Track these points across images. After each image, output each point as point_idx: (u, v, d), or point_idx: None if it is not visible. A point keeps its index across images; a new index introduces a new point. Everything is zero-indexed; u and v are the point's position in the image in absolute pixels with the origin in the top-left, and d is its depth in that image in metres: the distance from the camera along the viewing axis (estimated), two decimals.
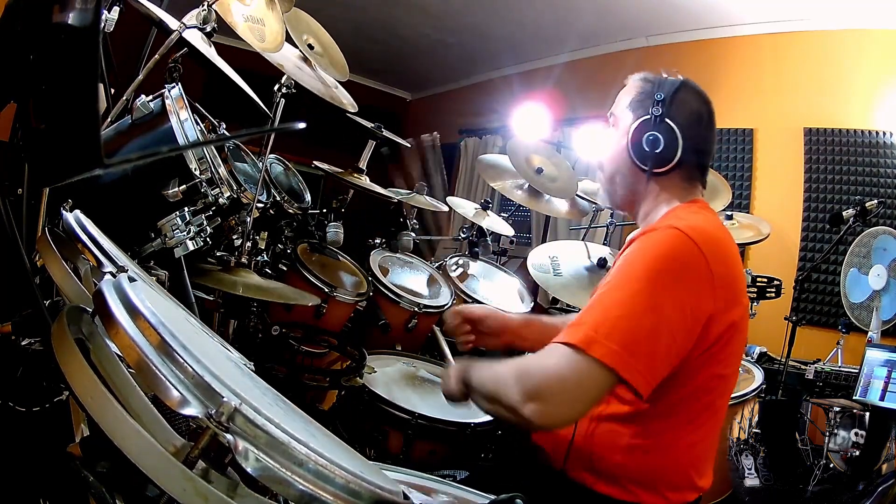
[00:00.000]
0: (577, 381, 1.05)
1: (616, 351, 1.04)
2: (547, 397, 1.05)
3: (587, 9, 4.64)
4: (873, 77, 3.64)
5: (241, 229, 2.20)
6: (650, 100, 1.30)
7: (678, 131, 1.27)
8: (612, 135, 1.38)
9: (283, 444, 0.59)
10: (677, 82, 1.32)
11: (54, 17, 0.76)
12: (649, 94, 1.31)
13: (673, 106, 1.28)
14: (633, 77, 1.39)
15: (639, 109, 1.32)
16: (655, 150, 1.28)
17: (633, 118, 1.32)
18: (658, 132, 1.27)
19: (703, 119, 1.32)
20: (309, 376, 2.06)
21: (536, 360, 1.12)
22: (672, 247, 1.14)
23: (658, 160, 1.28)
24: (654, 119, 1.28)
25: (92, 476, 0.62)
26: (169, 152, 1.52)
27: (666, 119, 1.27)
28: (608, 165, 1.39)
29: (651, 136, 1.28)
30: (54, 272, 0.84)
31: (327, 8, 3.18)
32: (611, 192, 1.41)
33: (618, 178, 1.37)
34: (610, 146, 1.39)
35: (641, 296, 1.09)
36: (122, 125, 1.55)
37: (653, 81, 1.34)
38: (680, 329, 1.11)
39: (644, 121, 1.29)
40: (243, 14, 1.99)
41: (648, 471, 1.20)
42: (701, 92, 1.35)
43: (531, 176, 3.05)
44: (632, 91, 1.37)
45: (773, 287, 2.85)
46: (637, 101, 1.34)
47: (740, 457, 2.44)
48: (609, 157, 1.39)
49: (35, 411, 0.94)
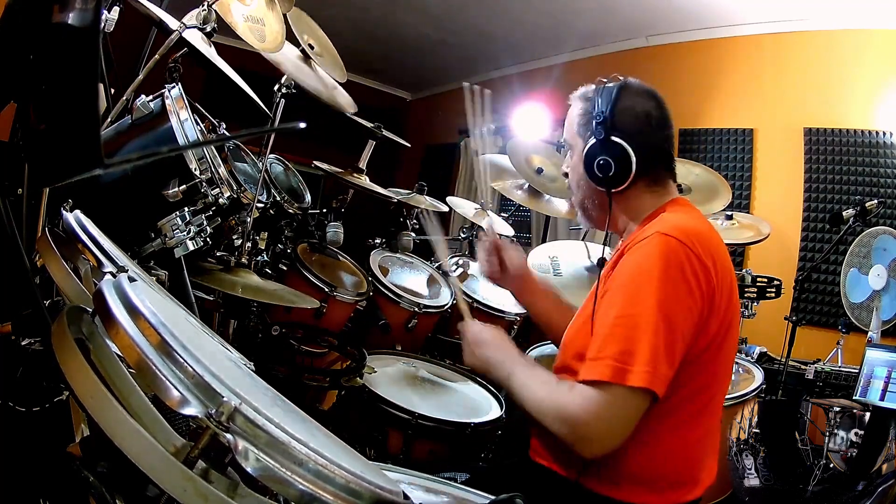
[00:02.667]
0: (621, 413, 1.10)
1: (644, 371, 1.08)
2: (599, 438, 1.11)
3: (587, 9, 4.63)
4: (873, 77, 3.64)
5: (241, 229, 2.20)
6: (591, 120, 1.29)
7: (626, 145, 1.25)
8: (572, 160, 1.39)
9: (283, 444, 0.59)
10: (614, 90, 1.29)
11: (54, 17, 0.76)
12: (590, 113, 1.30)
13: (616, 118, 1.26)
14: (573, 97, 1.38)
15: (585, 132, 1.32)
16: (609, 174, 1.27)
17: (582, 143, 1.32)
18: (606, 155, 1.26)
19: (653, 118, 1.30)
20: (309, 376, 2.06)
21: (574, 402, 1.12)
22: (666, 254, 1.14)
23: (616, 180, 1.28)
24: (598, 142, 1.27)
25: (92, 476, 0.62)
26: (169, 152, 1.52)
27: (612, 137, 1.26)
28: (577, 192, 1.41)
29: (602, 161, 1.27)
30: (54, 272, 0.84)
31: (327, 8, 3.18)
32: (587, 217, 1.43)
33: (587, 202, 1.39)
34: (572, 173, 1.40)
35: (651, 312, 1.10)
36: (122, 125, 1.55)
37: (590, 98, 1.32)
38: (689, 329, 1.14)
39: (590, 146, 1.28)
40: (243, 14, 1.99)
41: (647, 470, 1.21)
42: (644, 90, 1.32)
43: (531, 176, 3.05)
44: (572, 116, 1.36)
45: (773, 287, 2.84)
46: (581, 124, 1.33)
47: (740, 457, 2.44)
48: (574, 183, 1.40)
49: (35, 411, 0.94)
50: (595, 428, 1.10)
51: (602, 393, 1.09)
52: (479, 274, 3.12)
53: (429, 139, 7.26)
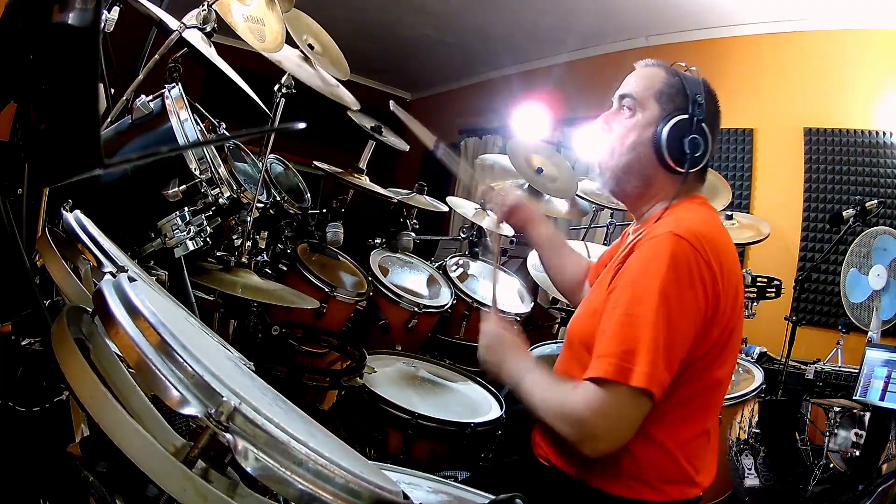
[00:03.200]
0: (625, 411, 1.11)
1: (647, 372, 1.08)
2: (600, 436, 1.11)
3: (587, 9, 4.63)
4: (874, 77, 3.64)
5: (241, 229, 2.20)
6: (682, 97, 1.28)
7: (710, 136, 1.28)
8: (630, 120, 1.31)
9: (282, 444, 0.59)
10: (702, 82, 1.31)
11: (54, 17, 0.76)
12: (680, 89, 1.29)
13: (707, 107, 1.29)
14: (646, 62, 1.36)
15: (668, 104, 1.29)
16: (695, 154, 1.27)
17: (661, 111, 1.28)
18: (698, 135, 1.27)
19: (718, 121, 1.35)
20: (309, 376, 2.06)
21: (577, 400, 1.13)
22: (676, 256, 1.14)
23: (691, 162, 1.27)
24: (693, 121, 1.26)
25: (92, 476, 0.62)
26: (169, 152, 1.52)
27: (703, 124, 1.27)
28: (625, 153, 1.31)
29: (693, 140, 1.26)
30: (54, 272, 0.84)
31: (327, 8, 3.18)
32: (620, 181, 1.35)
33: (635, 167, 1.32)
34: (628, 132, 1.31)
35: (656, 313, 1.11)
36: (122, 125, 1.56)
37: (679, 76, 1.31)
38: (689, 334, 1.14)
39: (683, 120, 1.27)
40: (243, 14, 1.99)
41: (648, 467, 1.21)
42: (714, 92, 1.35)
43: (531, 176, 3.05)
44: (654, 80, 1.32)
45: (773, 287, 2.85)
46: (665, 92, 1.29)
47: (740, 457, 2.44)
48: (627, 144, 1.31)
49: (35, 411, 0.94)
50: (599, 427, 1.10)
51: (605, 391, 1.10)
52: (480, 276, 3.14)
53: None
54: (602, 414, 1.10)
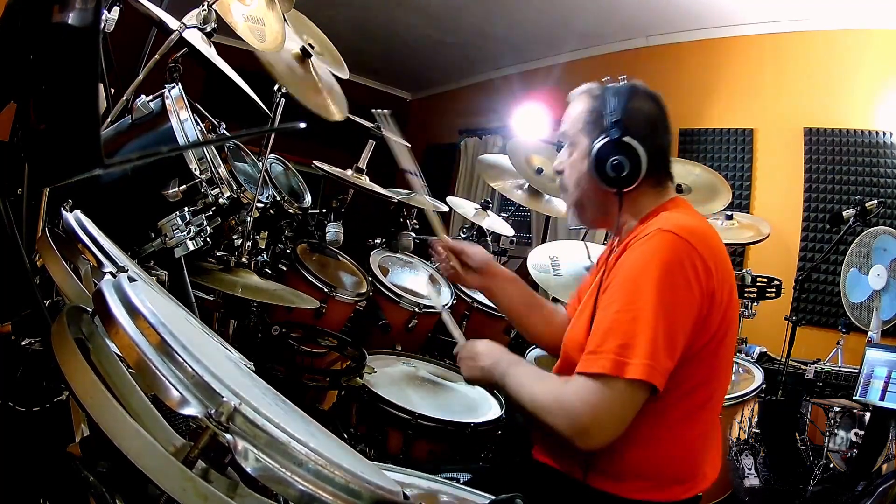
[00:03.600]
0: (619, 406, 1.10)
1: (646, 364, 1.08)
2: (597, 430, 1.11)
3: (587, 9, 4.63)
4: (874, 77, 3.64)
5: (241, 229, 2.20)
6: (602, 118, 1.29)
7: (640, 147, 1.26)
8: (571, 157, 1.37)
9: (282, 444, 0.59)
10: (626, 90, 1.30)
11: (54, 17, 0.76)
12: (600, 112, 1.30)
13: (628, 119, 1.27)
14: (577, 93, 1.38)
15: (594, 130, 1.31)
16: (622, 174, 1.27)
17: (590, 141, 1.31)
18: (621, 154, 1.26)
19: (659, 122, 1.32)
20: (309, 376, 2.06)
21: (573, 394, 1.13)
22: (668, 250, 1.15)
23: (626, 180, 1.28)
24: (612, 141, 1.27)
25: (92, 476, 0.62)
26: (169, 152, 1.52)
27: (625, 138, 1.26)
28: (574, 190, 1.38)
29: (615, 160, 1.26)
30: (54, 272, 0.84)
31: (327, 8, 3.18)
32: (581, 216, 1.41)
33: (586, 201, 1.37)
34: (571, 170, 1.37)
35: (651, 306, 1.11)
36: (122, 125, 1.55)
37: (600, 96, 1.32)
38: (689, 325, 1.14)
39: (602, 145, 1.28)
40: (243, 14, 1.99)
41: (649, 466, 1.21)
42: (650, 93, 1.34)
43: (531, 176, 3.05)
44: (579, 112, 1.35)
45: (773, 287, 2.85)
46: (588, 121, 1.32)
47: (740, 457, 2.44)
48: (573, 181, 1.37)
49: (35, 411, 0.94)
50: (593, 420, 1.10)
51: (601, 385, 1.10)
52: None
53: (429, 139, 7.26)
54: (597, 408, 1.10)
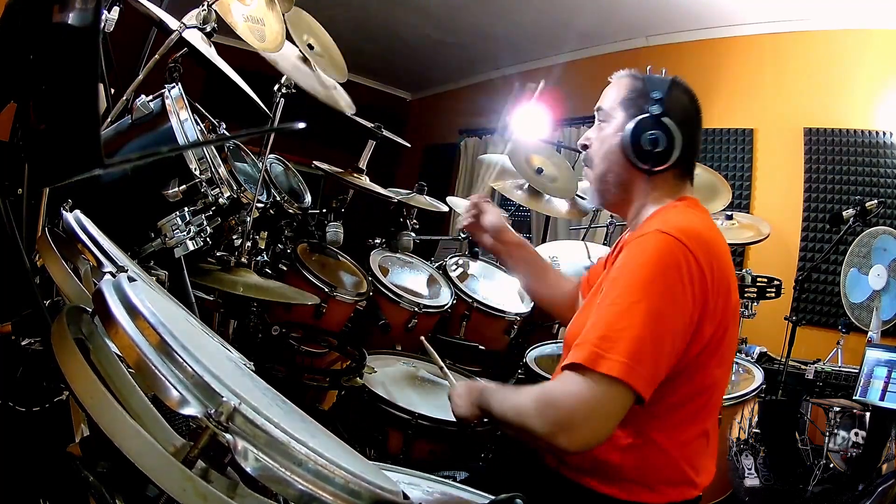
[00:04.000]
0: (596, 401, 1.07)
1: (623, 362, 1.06)
2: (574, 425, 1.07)
3: (587, 9, 4.64)
4: (874, 77, 3.64)
5: (241, 229, 2.20)
6: (644, 98, 1.30)
7: (676, 130, 1.27)
8: (602, 132, 1.37)
9: (282, 444, 0.59)
10: (668, 80, 1.32)
11: (54, 17, 0.76)
12: (642, 91, 1.31)
13: (669, 103, 1.28)
14: (618, 74, 1.39)
15: (632, 108, 1.31)
16: (655, 149, 1.27)
17: (627, 116, 1.31)
18: (658, 131, 1.27)
19: (694, 118, 1.34)
20: (309, 376, 2.06)
21: (556, 390, 1.13)
22: (663, 252, 1.14)
23: (657, 159, 1.28)
24: (652, 117, 1.27)
25: (92, 476, 0.62)
26: (169, 152, 1.52)
27: (663, 118, 1.27)
28: (600, 163, 1.37)
29: (652, 136, 1.27)
30: (54, 272, 0.84)
31: (327, 8, 3.18)
32: (602, 191, 1.39)
33: (610, 176, 1.36)
34: (601, 144, 1.36)
35: (640, 305, 1.10)
36: (122, 125, 1.55)
37: (643, 79, 1.34)
38: (679, 332, 1.13)
39: (642, 119, 1.28)
40: (243, 14, 1.99)
41: (646, 469, 1.21)
42: (690, 90, 1.36)
43: (531, 176, 3.05)
44: (621, 88, 1.36)
45: (773, 287, 2.84)
46: (629, 98, 1.33)
47: (740, 457, 2.44)
48: (601, 154, 1.36)
49: (35, 411, 0.94)
50: (574, 414, 1.07)
51: (582, 378, 1.08)
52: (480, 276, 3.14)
53: (429, 139, 7.27)
54: (579, 401, 1.07)
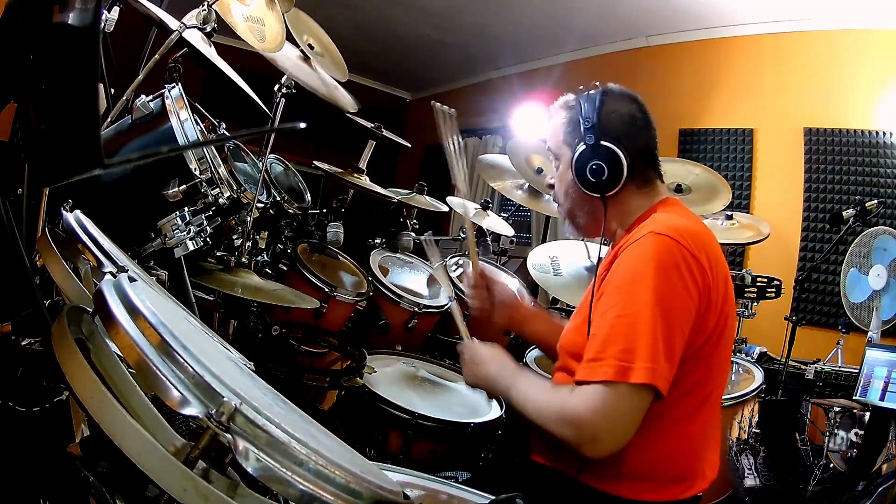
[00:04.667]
0: (620, 413, 1.09)
1: (646, 368, 1.08)
2: (605, 437, 1.09)
3: (587, 9, 4.63)
4: (874, 77, 3.64)
5: (241, 229, 2.20)
6: (578, 128, 1.30)
7: (617, 148, 1.27)
8: (558, 171, 1.39)
9: (283, 444, 0.59)
10: (598, 95, 1.31)
11: (54, 17, 0.76)
12: (575, 121, 1.32)
13: (603, 123, 1.28)
14: (554, 107, 1.40)
15: (573, 140, 1.32)
16: (602, 178, 1.28)
17: (570, 151, 1.32)
18: (598, 159, 1.27)
19: (637, 119, 1.32)
20: (309, 376, 2.06)
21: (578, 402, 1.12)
22: (661, 252, 1.15)
23: (609, 183, 1.29)
24: (588, 148, 1.28)
25: (92, 476, 0.62)
26: (169, 152, 1.52)
27: (601, 142, 1.27)
28: (564, 201, 1.40)
29: (594, 166, 1.28)
30: (54, 272, 0.84)
31: (327, 8, 3.18)
32: (576, 225, 1.42)
33: (577, 211, 1.39)
34: (560, 182, 1.39)
35: (650, 310, 1.11)
36: (122, 125, 1.55)
37: (573, 105, 1.34)
38: (687, 325, 1.14)
39: (580, 153, 1.29)
40: (243, 14, 1.99)
41: (648, 466, 1.21)
42: (625, 93, 1.34)
43: (531, 176, 3.05)
44: (558, 125, 1.37)
45: (773, 287, 2.84)
46: (568, 132, 1.34)
47: (740, 457, 2.44)
48: (562, 193, 1.40)
49: (35, 411, 0.94)
50: (601, 427, 1.09)
51: (606, 392, 1.09)
52: None
53: (429, 139, 7.25)
54: (604, 416, 1.09)
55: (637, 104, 1.33)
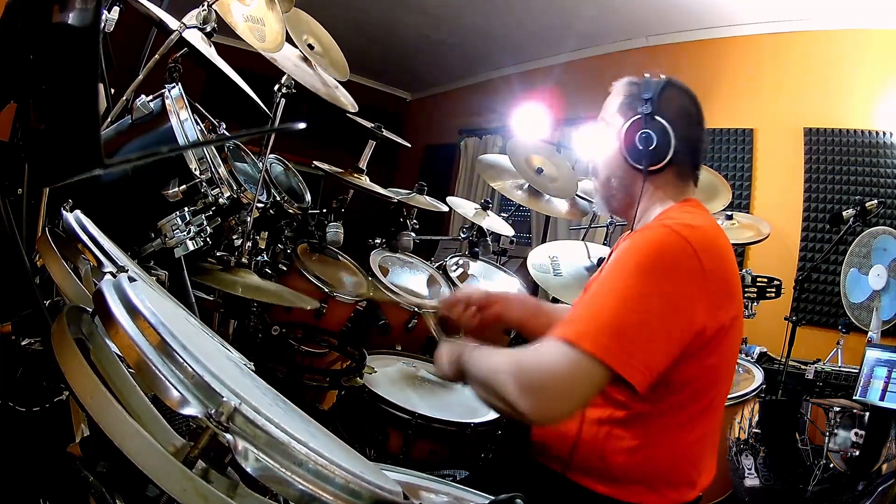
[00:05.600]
0: (570, 375, 1.06)
1: (607, 345, 1.06)
2: (541, 392, 1.07)
3: (587, 9, 4.63)
4: (873, 77, 3.64)
5: (241, 229, 2.20)
6: (638, 101, 1.32)
7: (669, 127, 1.28)
8: (604, 139, 1.40)
9: (282, 444, 0.59)
10: (662, 81, 1.34)
11: (54, 17, 0.76)
12: (636, 95, 1.33)
13: (661, 103, 1.30)
14: (618, 83, 1.41)
15: (628, 112, 1.34)
16: (649, 148, 1.29)
17: (624, 121, 1.33)
18: (650, 129, 1.29)
19: (692, 115, 1.34)
20: (309, 376, 2.06)
21: (531, 354, 1.13)
22: (662, 243, 1.15)
23: (652, 157, 1.29)
24: (644, 117, 1.29)
25: (92, 476, 0.62)
26: (169, 152, 1.52)
27: (656, 116, 1.29)
28: (602, 170, 1.40)
29: (644, 134, 1.29)
30: (54, 272, 0.84)
31: (327, 8, 3.18)
32: (607, 197, 1.42)
33: (613, 181, 1.38)
34: (603, 150, 1.40)
35: (632, 291, 1.10)
36: (122, 125, 1.55)
37: (638, 83, 1.36)
38: (674, 324, 1.11)
39: (635, 120, 1.31)
40: (243, 14, 1.99)
41: (649, 470, 1.21)
42: (687, 89, 1.37)
43: (531, 176, 3.05)
44: (619, 96, 1.38)
45: (773, 287, 2.84)
46: (625, 104, 1.35)
47: (740, 457, 2.44)
48: (603, 161, 1.40)
49: (35, 411, 0.94)
50: (540, 381, 1.07)
51: (559, 350, 1.07)
52: (480, 276, 3.14)
53: (429, 139, 7.26)
54: (548, 371, 1.07)
55: (695, 103, 1.36)
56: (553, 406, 1.07)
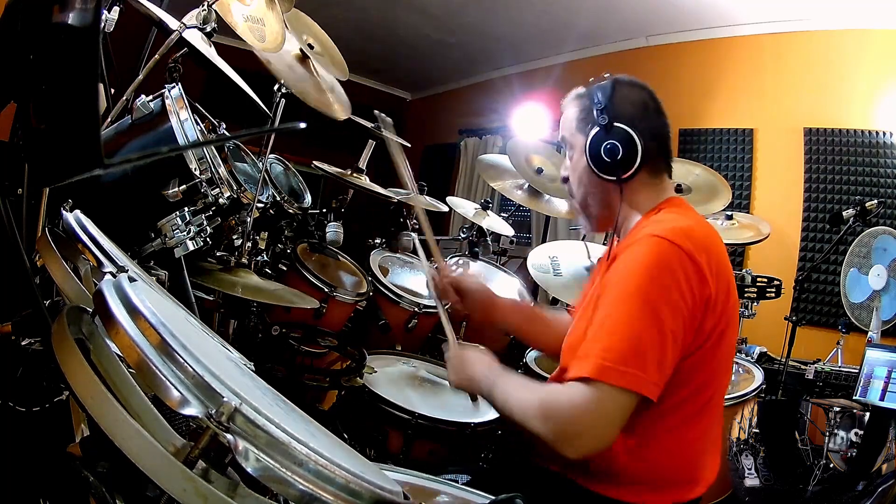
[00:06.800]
0: (601, 412, 1.08)
1: (629, 373, 1.07)
2: (577, 435, 1.08)
3: (587, 9, 4.63)
4: (873, 77, 3.64)
5: (241, 229, 2.20)
6: (593, 112, 1.30)
7: (631, 131, 1.27)
8: (572, 160, 1.39)
9: (283, 444, 0.59)
10: (610, 83, 1.32)
11: (54, 17, 0.76)
12: (588, 107, 1.32)
13: (616, 107, 1.29)
14: (567, 99, 1.40)
15: (586, 126, 1.32)
16: (617, 157, 1.28)
17: (584, 137, 1.32)
18: (613, 139, 1.27)
19: (650, 107, 1.33)
20: (309, 376, 2.06)
21: (559, 397, 1.12)
22: (656, 255, 1.14)
23: (623, 165, 1.28)
24: (603, 128, 1.28)
25: (92, 476, 0.62)
26: (169, 152, 1.52)
27: (615, 123, 1.27)
28: (577, 191, 1.39)
29: (608, 146, 1.27)
30: (54, 272, 0.84)
31: (327, 8, 3.18)
32: (588, 216, 1.41)
33: (589, 199, 1.38)
34: (574, 171, 1.39)
35: (639, 312, 1.10)
36: (122, 125, 1.55)
37: (585, 94, 1.35)
38: (680, 331, 1.13)
39: (594, 134, 1.29)
40: (243, 14, 1.99)
41: (649, 470, 1.21)
42: (637, 82, 1.35)
43: (531, 176, 3.05)
44: (572, 112, 1.37)
45: (773, 287, 2.84)
46: (581, 118, 1.34)
47: (740, 457, 2.44)
48: (576, 181, 1.38)
49: (35, 411, 0.94)
50: (579, 424, 1.08)
51: (587, 389, 1.08)
52: (479, 276, 3.13)
53: (429, 139, 7.26)
54: (583, 412, 1.08)
55: (648, 92, 1.34)
56: (591, 444, 1.09)
